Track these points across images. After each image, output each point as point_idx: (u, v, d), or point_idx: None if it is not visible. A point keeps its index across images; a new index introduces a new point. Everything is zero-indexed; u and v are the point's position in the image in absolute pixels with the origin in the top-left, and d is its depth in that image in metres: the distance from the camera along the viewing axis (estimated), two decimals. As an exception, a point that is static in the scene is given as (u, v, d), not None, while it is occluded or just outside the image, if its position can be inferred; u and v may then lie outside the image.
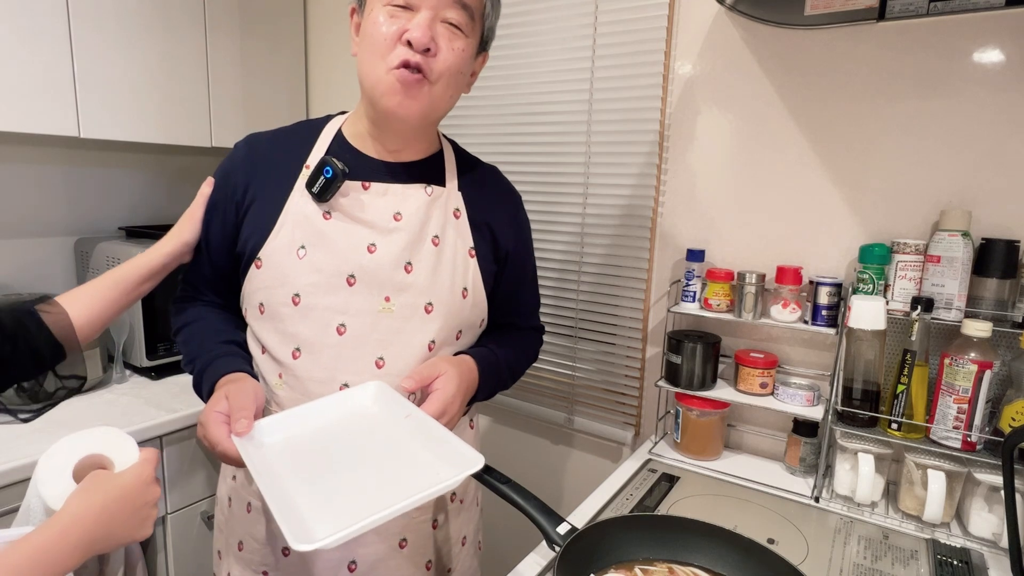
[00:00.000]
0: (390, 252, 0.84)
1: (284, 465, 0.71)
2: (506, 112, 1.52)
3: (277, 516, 0.59)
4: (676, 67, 1.30)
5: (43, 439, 1.17)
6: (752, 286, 1.17)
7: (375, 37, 0.79)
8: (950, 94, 1.05)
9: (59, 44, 1.33)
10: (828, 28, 1.14)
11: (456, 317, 0.89)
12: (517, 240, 0.99)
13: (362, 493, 0.67)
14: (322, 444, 0.75)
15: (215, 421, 0.74)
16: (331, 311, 0.83)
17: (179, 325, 0.93)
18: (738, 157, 1.26)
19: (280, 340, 0.84)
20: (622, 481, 1.14)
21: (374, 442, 0.76)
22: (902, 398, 1.02)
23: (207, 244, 0.89)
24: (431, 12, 0.79)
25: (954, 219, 1.01)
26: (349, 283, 0.83)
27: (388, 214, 0.86)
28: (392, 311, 0.84)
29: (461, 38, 0.82)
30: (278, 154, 0.88)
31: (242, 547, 0.91)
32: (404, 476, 0.69)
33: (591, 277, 1.46)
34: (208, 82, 1.63)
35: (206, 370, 0.84)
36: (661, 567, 0.79)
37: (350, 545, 0.87)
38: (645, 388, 1.43)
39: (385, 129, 0.86)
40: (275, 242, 0.83)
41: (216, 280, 0.92)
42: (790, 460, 1.19)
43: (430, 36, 0.78)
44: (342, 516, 0.60)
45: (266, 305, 0.84)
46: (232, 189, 0.87)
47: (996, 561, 0.91)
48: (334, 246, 0.83)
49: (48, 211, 1.64)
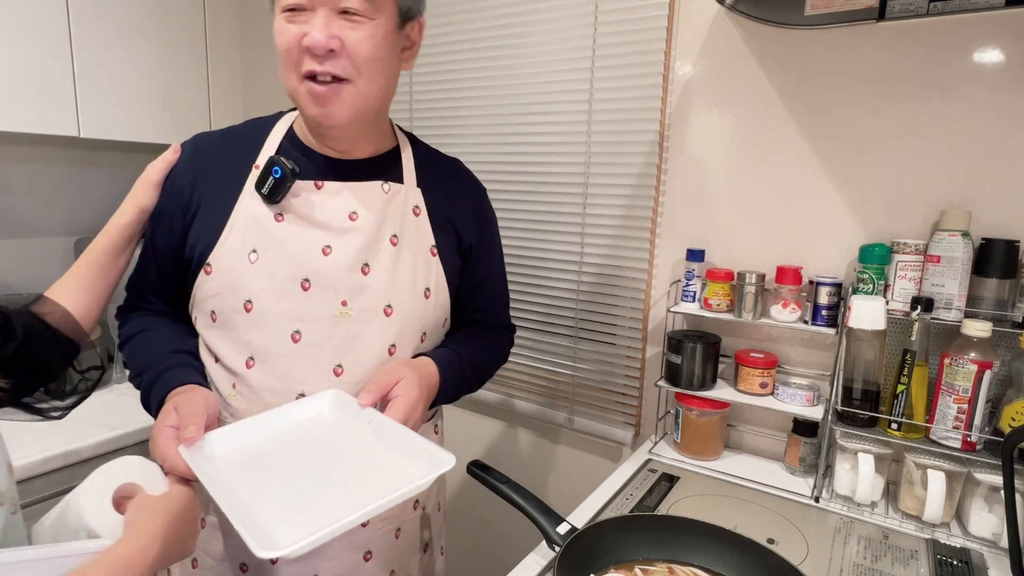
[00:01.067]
0: (346, 254, 0.81)
1: (239, 476, 0.67)
2: (506, 112, 1.52)
3: (237, 524, 0.56)
4: (676, 67, 1.30)
5: (43, 437, 1.18)
6: (752, 286, 1.17)
7: (280, 47, 0.76)
8: (950, 94, 1.05)
9: (59, 44, 1.33)
10: (828, 28, 1.14)
11: (418, 319, 0.86)
12: (481, 234, 0.95)
13: (328, 499, 0.63)
14: (279, 454, 0.71)
15: (165, 436, 0.69)
16: (285, 317, 0.79)
17: (125, 336, 0.88)
18: (738, 157, 1.26)
19: (233, 349, 0.80)
20: (622, 481, 1.14)
21: (336, 449, 0.72)
22: (902, 398, 1.02)
23: (153, 250, 0.85)
24: (325, 8, 0.73)
25: (954, 219, 1.01)
26: (304, 287, 0.79)
27: (343, 214, 0.82)
28: (350, 315, 0.81)
29: (366, 23, 0.75)
30: (226, 154, 0.83)
31: (196, 565, 0.87)
32: (371, 479, 0.66)
33: (591, 277, 1.46)
34: (208, 82, 1.63)
35: (155, 383, 0.80)
36: (661, 567, 0.79)
37: (312, 560, 0.83)
38: (645, 388, 1.43)
39: (324, 133, 0.83)
40: (225, 246, 0.79)
41: (163, 287, 0.87)
42: (790, 460, 1.19)
43: (328, 35, 0.72)
44: (307, 522, 0.57)
45: (218, 313, 0.80)
46: (178, 191, 0.82)
47: (996, 561, 0.91)
48: (287, 249, 0.79)
49: (48, 211, 1.64)
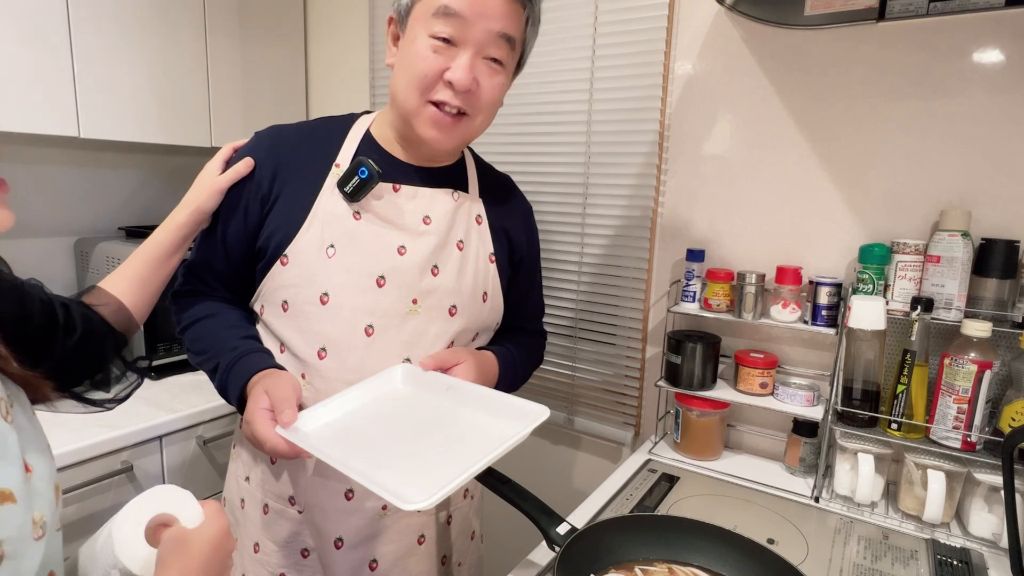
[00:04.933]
0: (419, 255, 0.85)
1: (342, 447, 0.68)
2: (506, 112, 1.51)
3: (370, 485, 0.58)
4: (676, 67, 1.30)
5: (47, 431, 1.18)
6: (752, 286, 1.17)
7: (415, 69, 0.78)
8: (950, 94, 1.05)
9: (59, 44, 1.33)
10: (828, 28, 1.14)
11: (476, 319, 0.91)
12: (529, 247, 1.01)
13: (436, 458, 0.65)
14: (370, 426, 0.73)
15: (261, 419, 0.71)
16: (360, 312, 0.82)
17: (190, 320, 0.89)
18: (738, 157, 1.26)
19: (304, 339, 0.83)
20: (622, 481, 1.14)
21: (424, 416, 0.74)
22: (902, 398, 1.02)
23: (224, 238, 0.86)
24: (474, 49, 0.77)
25: (954, 219, 1.01)
26: (379, 284, 0.83)
27: (418, 217, 0.86)
28: (419, 313, 0.85)
29: (501, 73, 0.81)
30: (305, 150, 0.86)
31: (258, 549, 0.90)
32: (470, 438, 0.68)
33: (591, 277, 1.46)
34: (208, 82, 1.63)
35: (234, 366, 0.81)
36: (661, 567, 0.79)
37: (372, 544, 0.87)
38: (645, 388, 1.43)
39: (416, 145, 0.86)
40: (304, 240, 0.82)
41: (228, 275, 0.89)
42: (790, 460, 1.19)
43: (472, 78, 0.77)
44: (428, 479, 0.59)
45: (290, 303, 0.83)
46: (257, 183, 0.84)
47: (996, 561, 0.91)
48: (364, 247, 0.82)
49: (48, 211, 1.64)
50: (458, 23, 0.76)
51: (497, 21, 0.77)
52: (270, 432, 0.70)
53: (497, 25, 0.77)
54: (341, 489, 0.86)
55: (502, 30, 0.77)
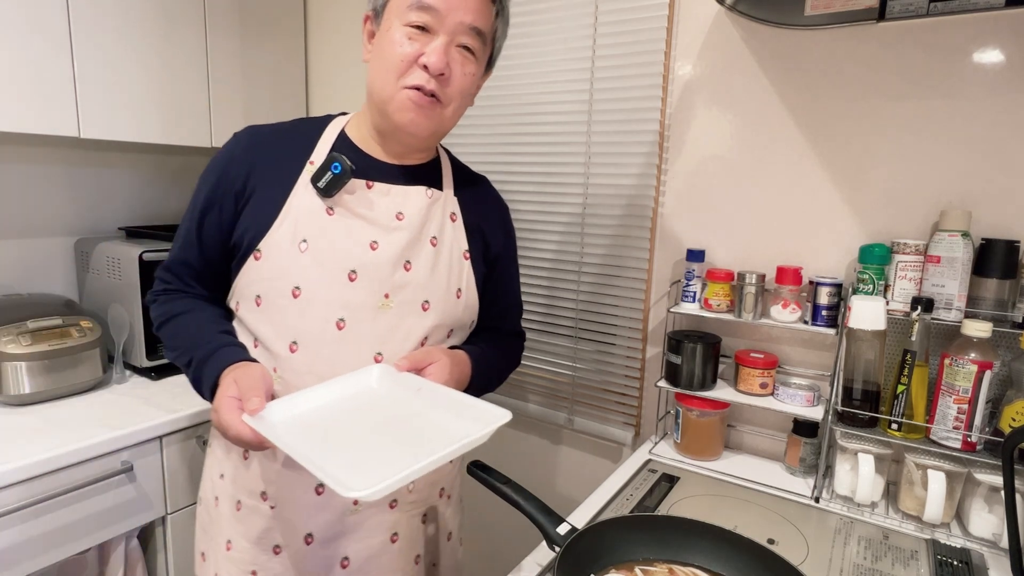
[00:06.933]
0: (392, 250, 0.86)
1: (305, 438, 0.70)
2: (506, 112, 1.52)
3: (316, 472, 0.59)
4: (676, 67, 1.30)
5: (44, 437, 1.18)
6: (752, 286, 1.17)
7: (392, 56, 0.82)
8: (950, 94, 1.05)
9: (59, 44, 1.33)
10: (828, 28, 1.14)
11: (450, 316, 0.91)
12: (505, 246, 1.02)
13: (395, 454, 0.67)
14: (338, 420, 0.74)
15: (228, 406, 0.73)
16: (331, 306, 0.83)
17: (166, 316, 0.91)
18: (738, 157, 1.26)
19: (276, 333, 0.84)
20: (622, 481, 1.14)
21: (392, 414, 0.76)
22: (902, 398, 1.02)
23: (200, 236, 0.88)
24: (448, 37, 0.81)
25: (954, 219, 1.01)
26: (350, 278, 0.84)
27: (391, 213, 0.87)
28: (391, 307, 0.86)
29: (472, 62, 0.85)
30: (280, 148, 0.88)
31: (230, 547, 0.90)
32: (431, 437, 0.70)
33: (591, 277, 1.46)
34: (208, 82, 1.63)
35: (208, 360, 0.82)
36: (661, 567, 0.79)
37: (343, 542, 0.87)
38: (645, 388, 1.43)
39: (391, 139, 0.89)
40: (276, 234, 0.83)
41: (205, 272, 0.91)
42: (790, 460, 1.19)
43: (446, 62, 0.81)
44: (381, 472, 0.60)
45: (263, 297, 0.84)
46: (231, 181, 0.86)
47: (996, 561, 0.91)
48: (336, 242, 0.84)
49: (48, 211, 1.64)
50: (432, 15, 0.80)
51: (468, 14, 0.81)
52: (235, 419, 0.71)
53: (468, 17, 0.82)
54: (312, 483, 0.86)
55: (473, 23, 0.82)
